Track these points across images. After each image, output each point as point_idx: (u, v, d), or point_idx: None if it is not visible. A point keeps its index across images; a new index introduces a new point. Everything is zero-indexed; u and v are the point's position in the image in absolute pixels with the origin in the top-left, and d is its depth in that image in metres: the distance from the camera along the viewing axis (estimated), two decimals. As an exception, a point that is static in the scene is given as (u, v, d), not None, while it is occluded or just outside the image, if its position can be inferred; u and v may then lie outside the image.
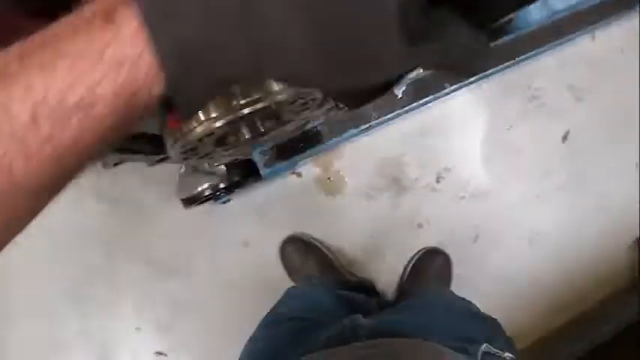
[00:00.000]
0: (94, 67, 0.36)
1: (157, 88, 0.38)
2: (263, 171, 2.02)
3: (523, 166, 2.30)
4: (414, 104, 2.02)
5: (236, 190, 2.11)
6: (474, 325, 1.26)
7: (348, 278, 2.16)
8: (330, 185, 2.27)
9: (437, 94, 2.03)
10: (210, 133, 0.60)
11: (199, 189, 1.52)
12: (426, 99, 2.03)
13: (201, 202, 2.07)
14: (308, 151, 2.04)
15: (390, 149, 2.25)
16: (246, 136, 0.70)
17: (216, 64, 0.39)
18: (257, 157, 2.00)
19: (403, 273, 2.24)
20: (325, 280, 2.04)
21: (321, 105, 1.02)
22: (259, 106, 0.59)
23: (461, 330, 1.17)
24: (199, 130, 0.59)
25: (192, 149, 0.64)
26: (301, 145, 2.03)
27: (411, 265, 2.22)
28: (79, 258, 2.26)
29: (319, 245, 2.22)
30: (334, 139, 2.04)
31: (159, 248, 2.28)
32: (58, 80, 0.36)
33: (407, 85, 2.01)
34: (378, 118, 2.01)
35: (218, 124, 0.59)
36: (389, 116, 2.02)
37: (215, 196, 2.02)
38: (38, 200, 0.41)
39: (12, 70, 0.36)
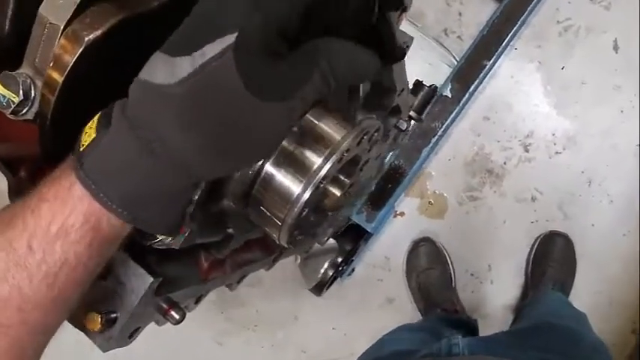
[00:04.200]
0: (65, 203, 0.49)
1: (114, 219, 0.50)
2: (369, 227, 2.05)
3: (593, 93, 2.24)
4: (466, 96, 2.04)
5: (354, 257, 2.14)
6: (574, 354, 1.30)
7: (455, 306, 2.16)
8: (433, 208, 2.28)
9: (480, 76, 2.04)
10: (304, 208, 0.61)
11: (322, 271, 1.54)
12: (474, 85, 2.04)
13: (330, 284, 2.10)
14: (398, 189, 2.07)
15: (468, 147, 2.26)
16: (338, 194, 0.70)
17: (149, 196, 0.51)
18: (357, 219, 2.03)
19: (527, 267, 2.23)
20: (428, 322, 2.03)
21: (386, 134, 1.04)
22: (331, 163, 0.59)
23: None
24: (295, 211, 0.60)
25: (297, 228, 0.64)
26: (389, 186, 2.06)
27: (531, 256, 2.21)
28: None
29: (448, 258, 2.23)
30: (415, 165, 2.06)
31: (314, 342, 2.32)
32: (43, 218, 0.49)
33: (450, 82, 2.04)
34: (442, 125, 2.03)
35: (306, 196, 0.59)
36: (450, 119, 2.04)
37: (339, 272, 2.06)
38: (49, 315, 0.53)
39: (16, 214, 0.51)
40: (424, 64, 2.23)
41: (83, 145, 0.50)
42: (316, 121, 0.59)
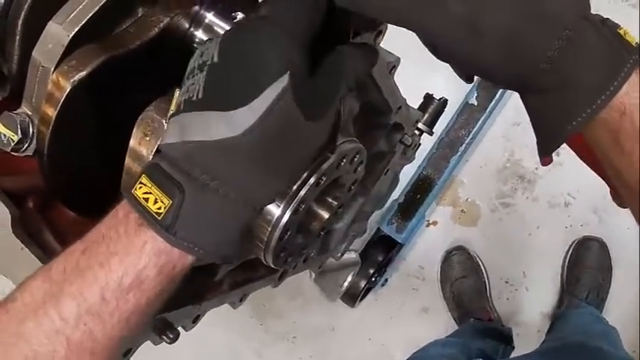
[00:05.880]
0: (139, 258, 0.51)
1: (189, 260, 0.54)
2: (399, 238, 2.06)
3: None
4: (492, 103, 2.04)
5: (386, 268, 2.16)
6: None
7: (489, 315, 2.14)
8: (466, 216, 2.27)
9: (507, 82, 2.04)
10: (286, 231, 0.62)
11: (345, 284, 1.54)
12: (499, 92, 2.04)
13: (364, 295, 2.12)
14: (427, 199, 2.08)
15: (499, 154, 2.25)
16: (326, 216, 0.70)
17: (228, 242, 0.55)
18: (387, 229, 2.05)
19: (562, 273, 2.19)
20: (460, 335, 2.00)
21: (391, 150, 1.05)
22: (310, 185, 0.60)
23: None
24: (276, 234, 0.61)
25: (283, 250, 0.66)
26: (418, 196, 2.07)
27: (566, 262, 2.18)
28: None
29: (481, 266, 2.22)
30: (444, 175, 2.07)
31: (352, 353, 2.33)
32: (114, 272, 0.51)
33: (476, 90, 2.04)
34: (470, 133, 2.04)
35: (285, 219, 0.60)
36: (477, 126, 2.04)
37: (371, 283, 2.07)
38: (120, 352, 0.57)
39: (82, 265, 0.52)
40: (452, 72, 2.24)
41: (159, 213, 0.51)
42: None
